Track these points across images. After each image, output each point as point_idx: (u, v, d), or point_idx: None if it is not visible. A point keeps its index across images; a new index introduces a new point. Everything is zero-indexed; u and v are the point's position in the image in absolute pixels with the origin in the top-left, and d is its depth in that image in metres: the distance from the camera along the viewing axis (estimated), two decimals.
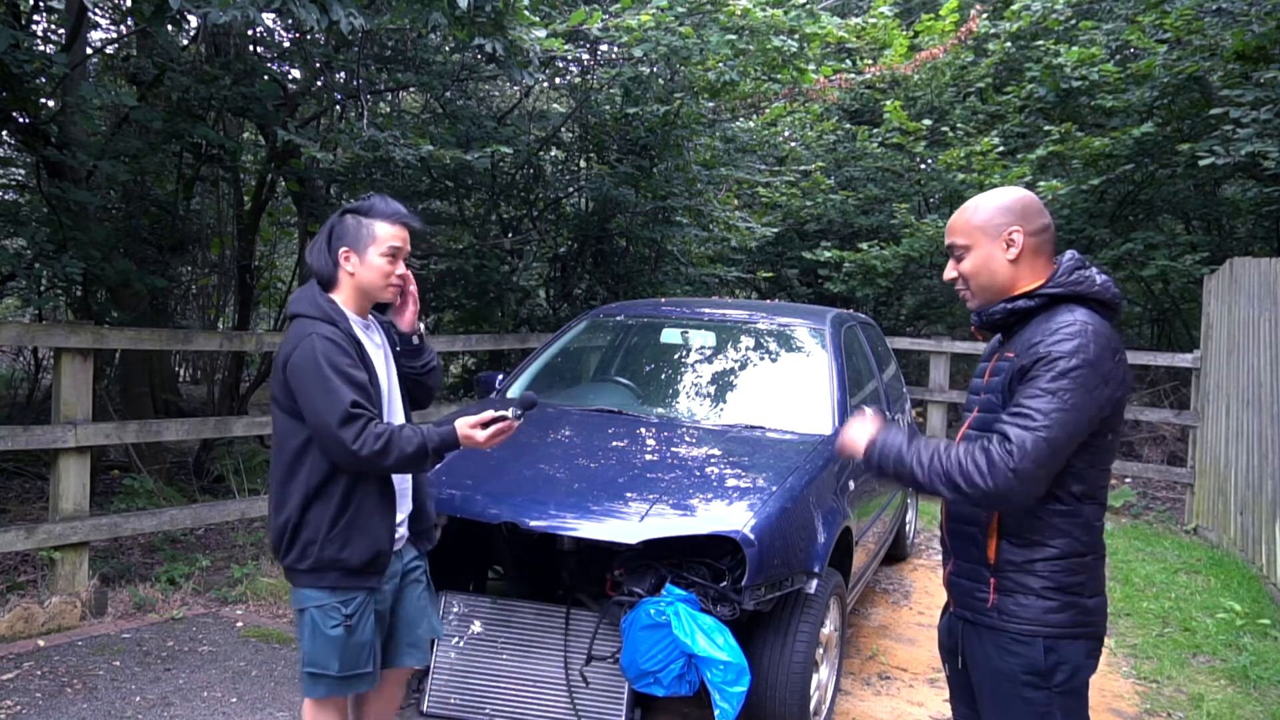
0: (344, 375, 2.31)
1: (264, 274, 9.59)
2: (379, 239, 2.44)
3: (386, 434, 2.29)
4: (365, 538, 2.39)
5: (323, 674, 2.41)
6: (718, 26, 6.27)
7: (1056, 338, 1.93)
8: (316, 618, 2.40)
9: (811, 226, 11.30)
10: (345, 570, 2.39)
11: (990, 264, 2.09)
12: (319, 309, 2.41)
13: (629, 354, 4.89)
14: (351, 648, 2.40)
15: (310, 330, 2.36)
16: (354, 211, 2.48)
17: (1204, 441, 7.11)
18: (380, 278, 2.45)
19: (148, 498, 5.63)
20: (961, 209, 2.17)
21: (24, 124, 5.57)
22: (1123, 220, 10.17)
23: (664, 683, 2.95)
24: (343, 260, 2.45)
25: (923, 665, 4.38)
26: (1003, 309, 2.07)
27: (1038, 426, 1.88)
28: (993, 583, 2.03)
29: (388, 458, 2.29)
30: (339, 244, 2.46)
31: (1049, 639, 1.97)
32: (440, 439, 2.35)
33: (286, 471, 2.40)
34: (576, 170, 8.44)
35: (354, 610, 2.40)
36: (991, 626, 2.03)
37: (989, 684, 2.06)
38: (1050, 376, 1.90)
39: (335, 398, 2.28)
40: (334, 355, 2.32)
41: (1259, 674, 4.37)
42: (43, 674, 3.70)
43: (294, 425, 2.38)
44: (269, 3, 3.95)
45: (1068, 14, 9.21)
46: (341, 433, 2.26)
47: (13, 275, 6.28)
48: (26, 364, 9.06)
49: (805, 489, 3.43)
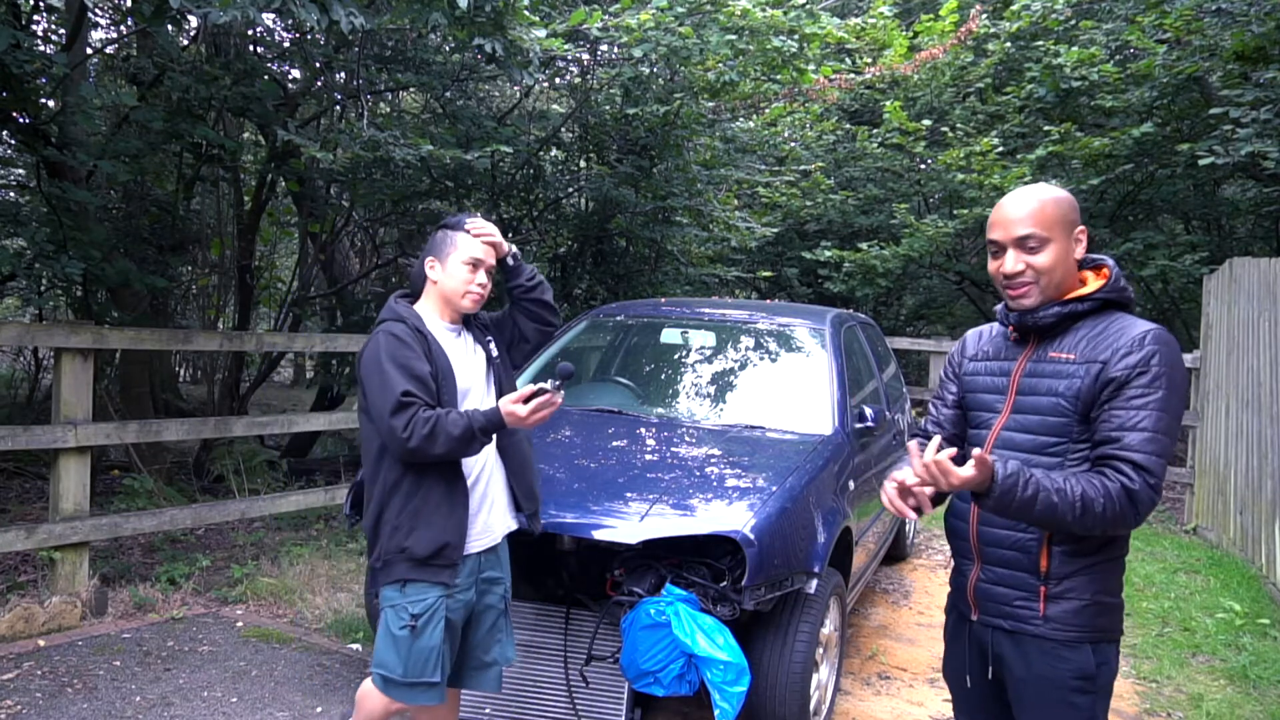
0: (401, 366, 2.38)
1: (264, 274, 9.60)
2: (460, 248, 2.57)
3: (433, 419, 2.33)
4: (431, 528, 2.41)
5: (389, 676, 2.45)
6: (717, 27, 6.26)
7: (1151, 348, 1.90)
8: (389, 617, 2.45)
9: (811, 226, 11.31)
10: (412, 560, 2.42)
11: (1067, 260, 1.99)
12: (391, 311, 2.55)
13: (629, 354, 4.89)
14: (417, 652, 2.41)
15: (378, 329, 2.48)
16: (444, 226, 2.63)
17: (1204, 441, 7.11)
18: (460, 285, 2.56)
19: (148, 498, 5.63)
20: (1028, 198, 2.00)
21: (24, 124, 5.57)
22: (1122, 220, 10.17)
23: (664, 683, 2.94)
24: (428, 269, 2.59)
25: (923, 665, 4.38)
26: (1057, 312, 1.99)
27: (1164, 451, 1.88)
28: (1043, 591, 1.98)
29: (435, 442, 2.32)
30: (427, 254, 2.60)
31: (1094, 643, 1.96)
32: (485, 419, 2.37)
33: (370, 474, 2.49)
34: (576, 170, 8.44)
35: (422, 611, 2.42)
36: (1038, 635, 1.98)
37: (1033, 692, 2.00)
38: (1163, 393, 1.88)
39: (389, 388, 2.35)
40: (395, 348, 2.41)
41: (1259, 674, 4.37)
42: (43, 674, 3.70)
43: (373, 428, 2.44)
44: (269, 3, 3.95)
45: (1068, 14, 9.21)
46: (393, 421, 2.32)
47: (13, 275, 6.28)
48: (26, 364, 9.07)
49: (805, 489, 3.43)
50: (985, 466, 1.81)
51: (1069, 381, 1.97)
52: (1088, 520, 1.85)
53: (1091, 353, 1.95)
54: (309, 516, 6.13)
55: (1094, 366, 1.93)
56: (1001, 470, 1.83)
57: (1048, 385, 2.00)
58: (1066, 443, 1.97)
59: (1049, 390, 1.99)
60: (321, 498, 5.43)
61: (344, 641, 4.26)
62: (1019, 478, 1.84)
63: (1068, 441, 1.97)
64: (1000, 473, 1.83)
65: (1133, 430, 1.87)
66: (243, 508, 5.10)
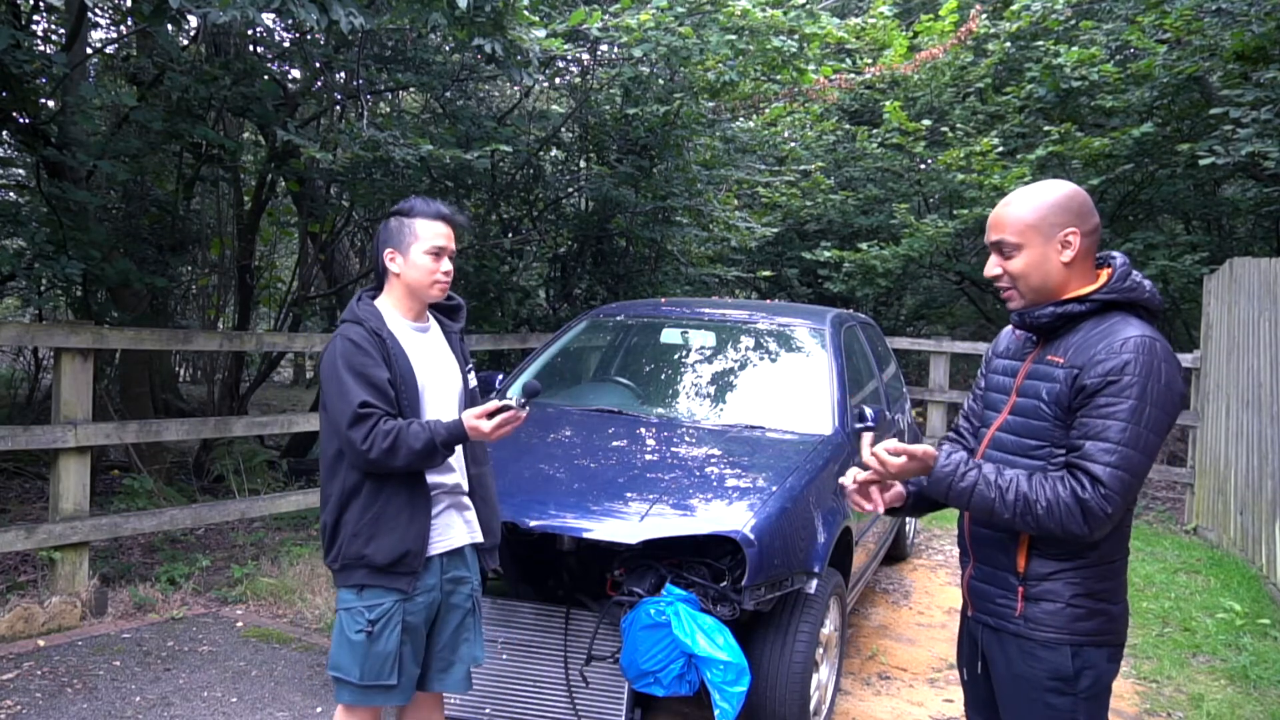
0: (359, 375, 2.33)
1: (264, 274, 9.60)
2: (421, 237, 2.46)
3: (394, 432, 2.28)
4: (391, 535, 2.37)
5: (345, 680, 2.41)
6: (717, 27, 6.27)
7: (1126, 357, 1.84)
8: (344, 620, 2.41)
9: (811, 226, 11.31)
10: (371, 568, 2.37)
11: (1044, 266, 1.95)
12: (350, 312, 2.47)
13: (629, 354, 4.89)
14: (373, 656, 2.38)
15: (337, 334, 2.42)
16: (397, 213, 2.52)
17: (1204, 441, 7.11)
18: (425, 275, 2.47)
19: (148, 498, 5.63)
20: (1011, 201, 2.01)
21: (24, 124, 5.57)
22: (1122, 220, 10.18)
23: (664, 683, 2.94)
24: (388, 261, 2.48)
25: (923, 665, 4.38)
26: (1051, 313, 1.96)
27: (1127, 464, 1.82)
28: (1020, 591, 1.98)
29: (397, 455, 2.28)
30: (384, 246, 2.49)
31: (1075, 645, 1.94)
32: (448, 432, 2.33)
33: (328, 474, 2.43)
34: (576, 170, 8.44)
35: (378, 616, 2.37)
36: (1016, 634, 1.99)
37: (1011, 689, 2.02)
38: (1132, 404, 1.82)
39: (346, 399, 2.30)
40: (352, 355, 2.35)
41: (1259, 674, 4.37)
42: (43, 674, 3.70)
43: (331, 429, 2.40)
44: (269, 3, 3.95)
45: (1067, 14, 9.21)
46: (351, 433, 2.28)
47: (13, 275, 6.29)
48: (26, 364, 9.06)
49: (805, 489, 3.43)
50: (924, 458, 1.96)
51: (1050, 385, 1.95)
52: (1029, 520, 1.88)
53: (1075, 357, 1.92)
54: (309, 516, 6.13)
55: (1073, 372, 1.91)
56: (941, 461, 1.95)
57: (1037, 388, 1.99)
58: (1048, 446, 1.95)
59: (1035, 393, 1.99)
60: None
61: None
62: (956, 470, 1.94)
63: (1049, 445, 1.95)
64: (939, 463, 1.95)
65: (1095, 439, 1.85)
66: (243, 508, 5.10)
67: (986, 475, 1.92)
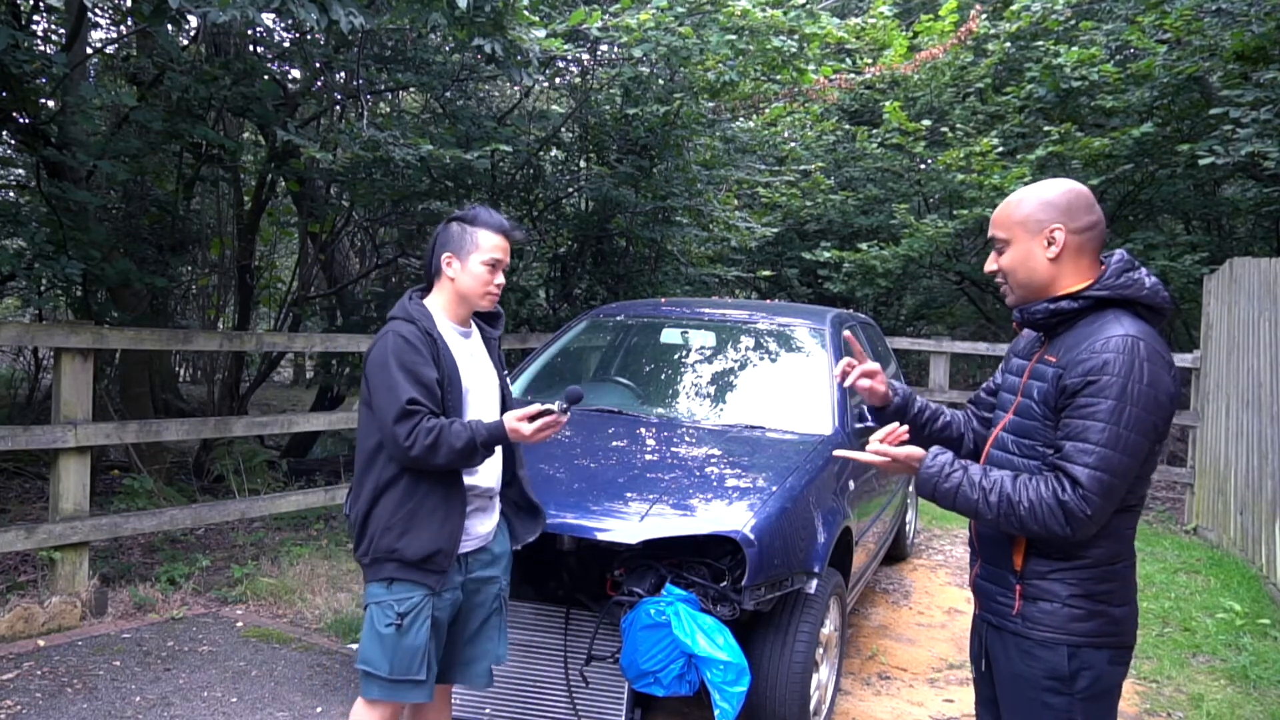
0: (409, 372, 2.35)
1: (264, 274, 9.60)
2: (481, 247, 2.51)
3: (437, 430, 2.31)
4: (424, 533, 2.39)
5: (374, 674, 2.42)
6: (717, 27, 6.27)
7: (1107, 356, 1.83)
8: (374, 614, 2.43)
9: (811, 226, 11.32)
10: (401, 562, 2.39)
11: (1029, 261, 1.99)
12: (403, 310, 2.50)
13: (629, 354, 4.89)
14: (403, 650, 2.39)
15: (388, 329, 2.44)
16: (460, 219, 2.55)
17: (1204, 441, 7.12)
18: (479, 285, 2.52)
19: (148, 498, 5.63)
20: (1007, 200, 2.06)
21: (24, 124, 5.57)
22: (1122, 220, 10.18)
23: (664, 683, 2.94)
24: (445, 265, 2.52)
25: (923, 665, 4.38)
26: (1044, 309, 1.97)
27: (1106, 465, 1.81)
28: (1019, 589, 1.99)
29: (438, 453, 2.31)
30: (443, 249, 2.52)
31: (1072, 646, 1.94)
32: (488, 433, 2.36)
33: (364, 467, 2.45)
34: (576, 170, 8.44)
35: (407, 610, 2.40)
36: (1015, 632, 2.00)
37: (1011, 687, 2.03)
38: (1111, 404, 1.82)
39: (395, 394, 2.33)
40: (404, 352, 2.37)
41: (1259, 674, 4.37)
42: (43, 674, 3.70)
43: (373, 422, 2.42)
44: (269, 3, 3.95)
45: (1067, 14, 9.21)
46: (396, 428, 2.31)
47: (13, 275, 6.28)
48: (26, 364, 9.07)
49: (805, 489, 3.43)
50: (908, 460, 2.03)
51: (1040, 384, 1.97)
52: (1013, 521, 1.90)
53: (1065, 357, 1.92)
54: (309, 516, 6.13)
55: (1059, 371, 1.91)
56: (926, 463, 2.01)
57: (1032, 388, 2.00)
58: (1039, 445, 1.96)
59: (1030, 393, 2.00)
60: (321, 498, 5.43)
61: (344, 641, 4.25)
62: (941, 471, 1.99)
63: (1039, 444, 1.96)
64: (924, 465, 2.01)
65: (1076, 440, 1.85)
66: (243, 508, 5.10)
67: (971, 477, 1.95)
